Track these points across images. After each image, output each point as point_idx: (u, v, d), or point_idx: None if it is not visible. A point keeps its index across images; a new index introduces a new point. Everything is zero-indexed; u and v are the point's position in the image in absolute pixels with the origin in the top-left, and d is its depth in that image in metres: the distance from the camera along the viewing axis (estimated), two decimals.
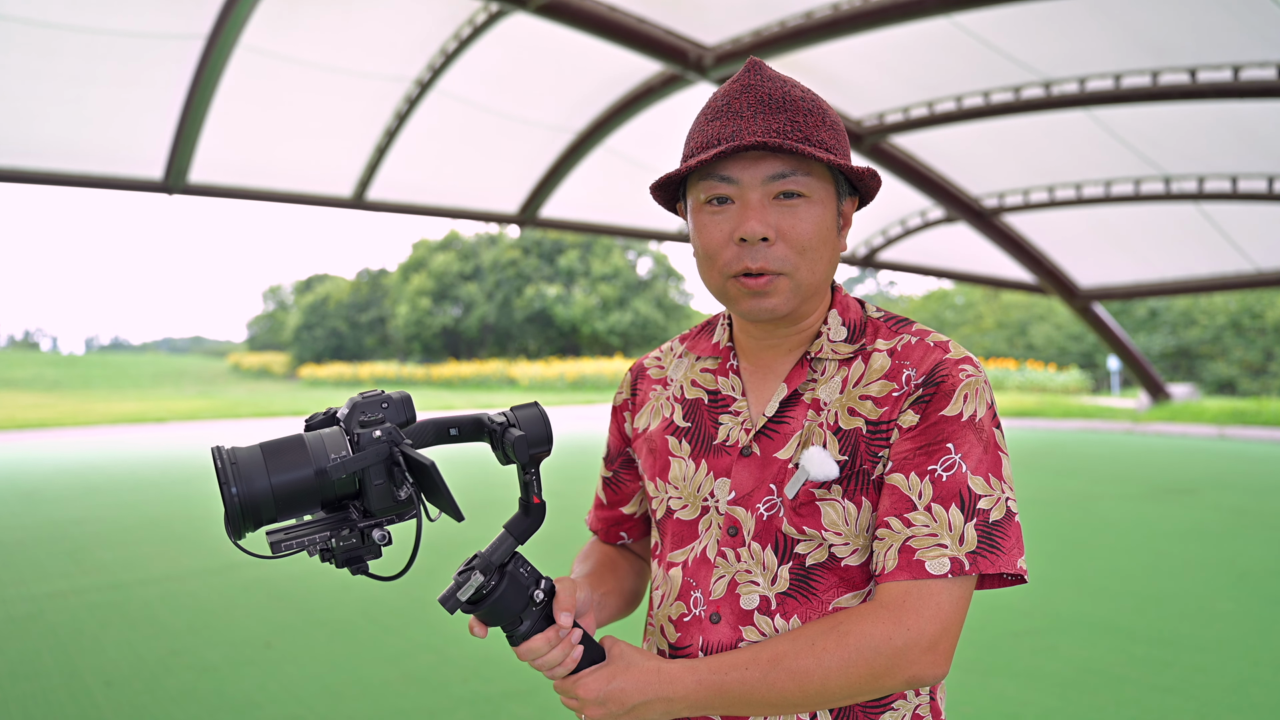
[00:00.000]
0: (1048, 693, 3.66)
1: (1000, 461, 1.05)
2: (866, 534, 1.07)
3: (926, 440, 1.04)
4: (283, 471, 0.90)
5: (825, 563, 1.07)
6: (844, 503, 1.06)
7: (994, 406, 1.07)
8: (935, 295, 44.75)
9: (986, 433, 1.04)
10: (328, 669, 4.09)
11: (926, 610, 1.00)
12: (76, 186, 10.53)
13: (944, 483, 1.02)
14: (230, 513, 0.88)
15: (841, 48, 9.18)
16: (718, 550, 1.12)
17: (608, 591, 1.24)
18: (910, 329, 1.11)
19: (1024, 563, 1.04)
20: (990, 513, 1.02)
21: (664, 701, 1.04)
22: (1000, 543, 1.02)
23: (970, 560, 1.00)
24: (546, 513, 1.05)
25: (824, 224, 1.07)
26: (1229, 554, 6.18)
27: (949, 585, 1.01)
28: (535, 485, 1.03)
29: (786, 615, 1.07)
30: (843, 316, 1.14)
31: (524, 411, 1.04)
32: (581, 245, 49.69)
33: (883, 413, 1.06)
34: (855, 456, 1.06)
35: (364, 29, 9.56)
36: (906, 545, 1.01)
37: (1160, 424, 17.39)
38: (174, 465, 13.07)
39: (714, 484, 1.13)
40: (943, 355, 1.07)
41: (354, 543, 0.94)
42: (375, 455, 0.92)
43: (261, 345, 70.20)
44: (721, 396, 1.17)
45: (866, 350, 1.11)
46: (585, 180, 12.84)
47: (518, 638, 1.04)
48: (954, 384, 1.05)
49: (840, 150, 1.08)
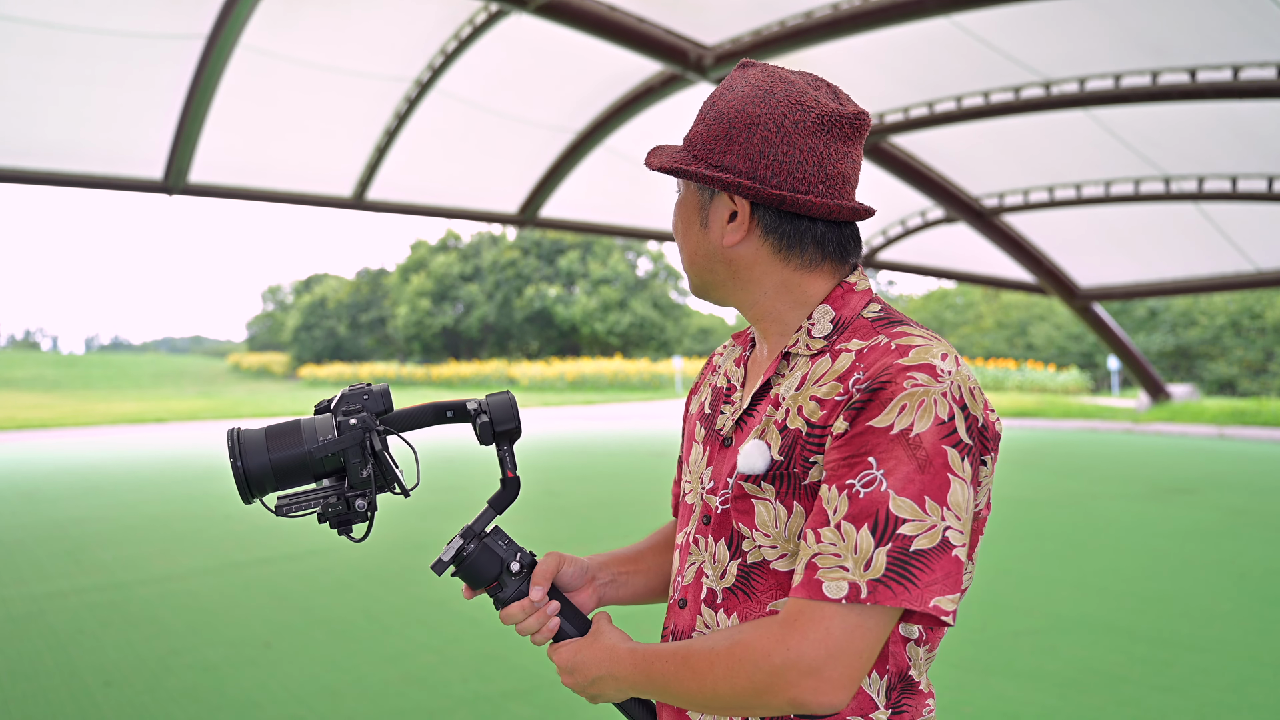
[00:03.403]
0: (1048, 693, 3.66)
1: (945, 485, 0.94)
2: (796, 540, 1.02)
3: (850, 451, 0.97)
4: (280, 450, 1.12)
5: (760, 564, 1.06)
6: (775, 504, 1.04)
7: (953, 424, 0.96)
8: (935, 295, 44.77)
9: (926, 450, 0.94)
10: (328, 669, 4.09)
11: (813, 633, 0.93)
12: (77, 186, 10.53)
13: (860, 500, 0.94)
14: (237, 481, 1.11)
15: (841, 48, 9.17)
16: (693, 537, 1.16)
17: (636, 571, 1.31)
18: (892, 330, 1.04)
19: (949, 603, 0.93)
20: (914, 540, 0.92)
21: (613, 679, 1.10)
22: (916, 575, 0.92)
23: (870, 588, 0.92)
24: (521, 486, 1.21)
25: (680, 217, 1.17)
26: (1229, 554, 6.18)
27: (843, 611, 0.93)
28: (509, 461, 1.19)
29: (729, 611, 1.08)
30: (835, 311, 1.10)
31: (494, 399, 1.19)
32: (581, 246, 49.69)
33: (821, 416, 1.01)
34: (790, 458, 1.03)
35: (364, 29, 9.56)
36: (812, 562, 0.96)
37: (1160, 424, 17.39)
38: (174, 465, 13.07)
39: (705, 471, 1.17)
40: (895, 360, 0.98)
41: (341, 509, 1.13)
42: (351, 439, 1.11)
43: (261, 345, 70.19)
44: (731, 386, 1.21)
45: (837, 349, 1.06)
46: (585, 180, 12.84)
47: (499, 603, 1.19)
48: (893, 392, 0.96)
49: (698, 148, 1.11)
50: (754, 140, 1.07)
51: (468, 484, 9.81)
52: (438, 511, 8.15)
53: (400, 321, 52.08)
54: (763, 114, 1.07)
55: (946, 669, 3.93)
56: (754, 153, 1.07)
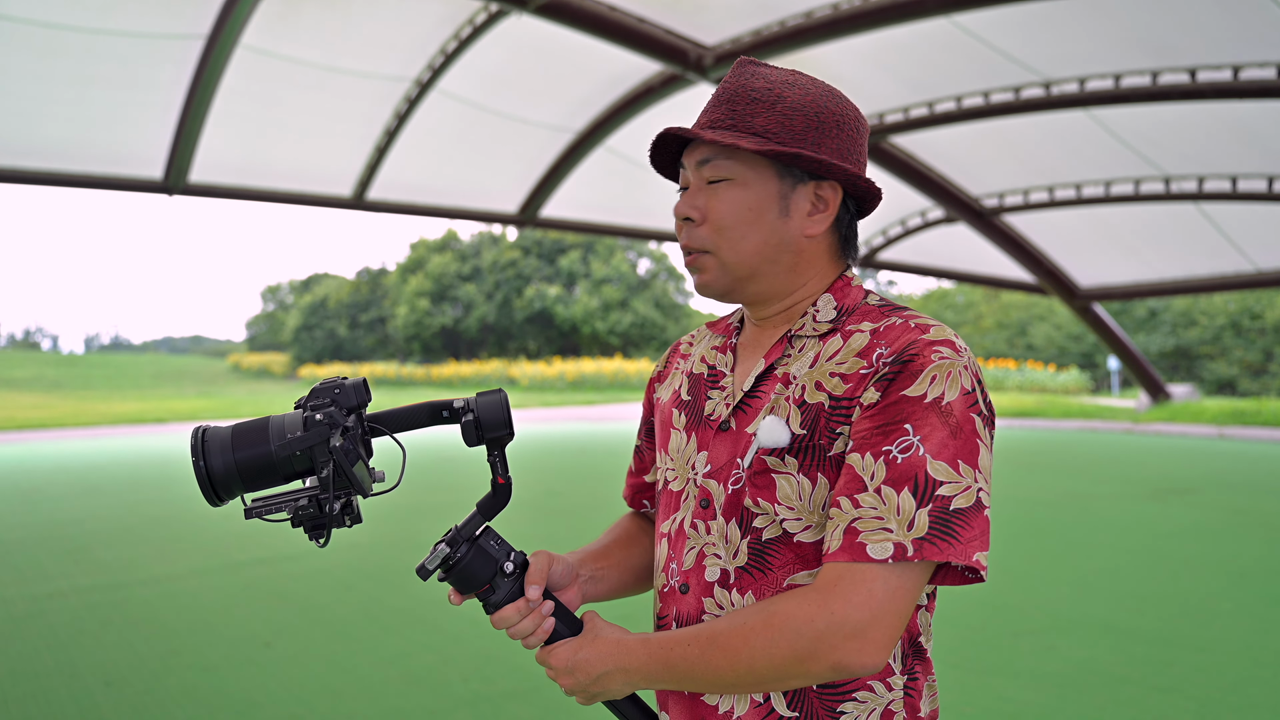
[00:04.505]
0: (1048, 693, 3.66)
1: (976, 450, 1.00)
2: (821, 511, 1.06)
3: (885, 420, 1.01)
4: (245, 449, 1.05)
5: (780, 538, 1.07)
6: (799, 477, 1.06)
7: (975, 394, 1.02)
8: (935, 295, 44.78)
9: (956, 417, 1.00)
10: (328, 669, 4.09)
11: (856, 596, 0.97)
12: (77, 187, 10.54)
13: (898, 465, 0.99)
14: (200, 483, 1.05)
15: (841, 48, 9.18)
16: (690, 522, 1.15)
17: (608, 566, 1.29)
18: (902, 313, 1.09)
19: (985, 559, 0.99)
20: (953, 500, 0.98)
21: (622, 672, 1.08)
22: (959, 531, 0.97)
23: (916, 546, 0.96)
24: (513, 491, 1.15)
25: (747, 205, 1.12)
26: (1229, 554, 6.18)
27: (885, 572, 0.97)
28: (500, 466, 1.13)
29: (742, 590, 1.09)
30: (838, 300, 1.15)
31: (484, 398, 1.12)
32: (583, 246, 49.70)
33: (847, 389, 1.05)
34: (814, 430, 1.06)
35: (364, 29, 9.56)
36: (851, 526, 0.99)
37: (1160, 424, 17.39)
38: (174, 465, 13.06)
39: (697, 457, 1.17)
40: (919, 335, 1.04)
41: (313, 511, 1.06)
42: (317, 436, 1.04)
43: (261, 345, 70.18)
44: (715, 371, 1.22)
45: (848, 329, 1.11)
46: (585, 180, 12.84)
47: (491, 606, 1.13)
48: (922, 364, 1.01)
49: (784, 137, 1.10)
50: (843, 135, 1.13)
51: (469, 483, 9.81)
52: (438, 511, 8.15)
53: (400, 322, 52.06)
54: (842, 112, 1.13)
55: (946, 669, 3.93)
56: (845, 147, 1.13)
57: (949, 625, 4.44)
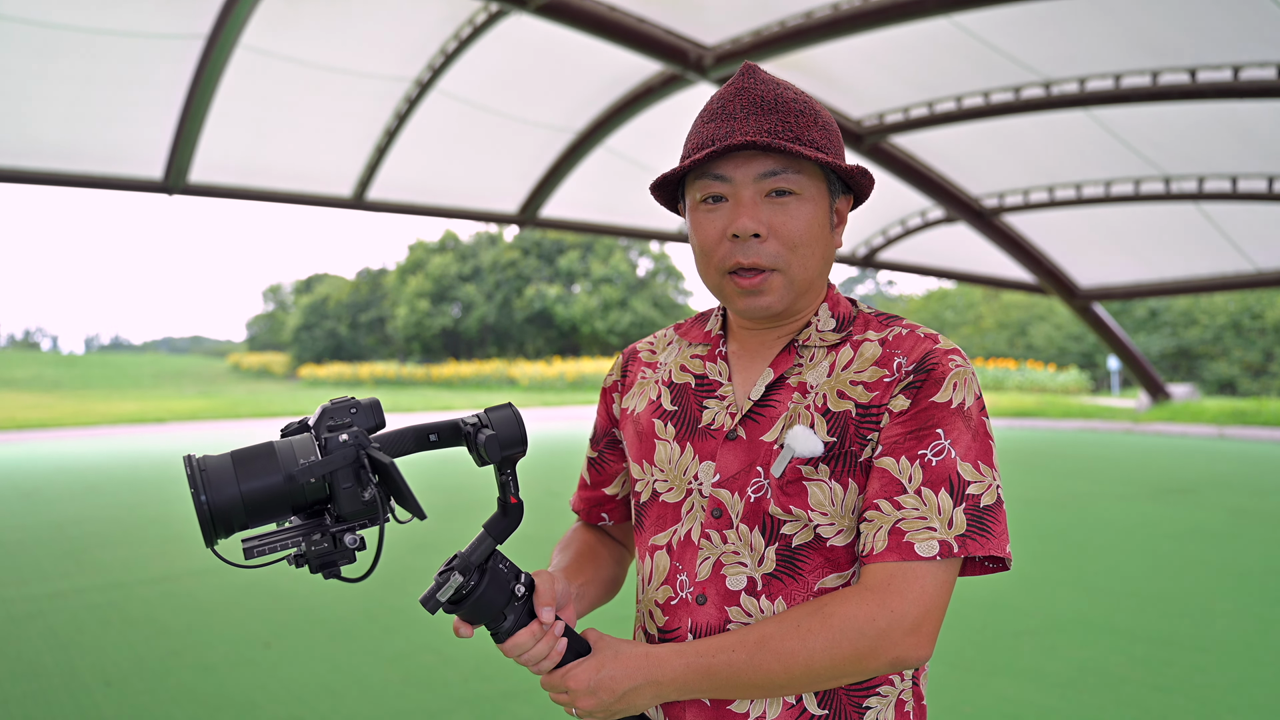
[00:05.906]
0: (1048, 693, 3.66)
1: (990, 449, 1.08)
2: (852, 515, 1.09)
3: (917, 425, 1.06)
4: (252, 478, 0.92)
5: (811, 543, 1.09)
6: (831, 483, 1.08)
7: (981, 398, 1.10)
8: (935, 295, 44.74)
9: (975, 421, 1.07)
10: (328, 669, 4.09)
11: (910, 592, 1.02)
12: (76, 186, 10.54)
13: (934, 467, 1.04)
14: (201, 520, 0.90)
15: (841, 48, 9.18)
16: (702, 532, 1.14)
17: (586, 581, 1.25)
18: (900, 322, 1.15)
19: (1010, 549, 1.07)
20: (981, 498, 1.05)
21: (653, 685, 1.05)
22: (991, 527, 1.04)
23: (959, 543, 1.03)
24: (524, 512, 1.07)
25: (815, 221, 1.11)
26: (1229, 554, 6.18)
27: (934, 568, 1.03)
28: (512, 486, 1.05)
29: (772, 596, 1.09)
30: (833, 310, 1.17)
31: (497, 413, 1.04)
32: (582, 245, 49.69)
33: (873, 397, 1.09)
34: (844, 438, 1.08)
35: (364, 29, 9.56)
36: (896, 527, 1.03)
37: (1160, 424, 17.39)
38: (174, 466, 13.06)
39: (698, 467, 1.15)
40: (933, 345, 1.10)
41: (326, 547, 0.95)
42: (342, 459, 0.93)
43: (261, 345, 70.15)
44: (708, 381, 1.20)
45: (855, 339, 1.14)
46: (585, 180, 12.84)
47: (502, 634, 1.05)
48: (944, 372, 1.07)
49: (832, 149, 1.12)
50: (831, 133, 1.15)
51: (469, 482, 9.81)
52: (438, 511, 8.15)
53: (400, 322, 52.05)
54: (819, 108, 1.15)
55: (946, 669, 3.93)
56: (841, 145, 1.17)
57: (949, 625, 4.43)
